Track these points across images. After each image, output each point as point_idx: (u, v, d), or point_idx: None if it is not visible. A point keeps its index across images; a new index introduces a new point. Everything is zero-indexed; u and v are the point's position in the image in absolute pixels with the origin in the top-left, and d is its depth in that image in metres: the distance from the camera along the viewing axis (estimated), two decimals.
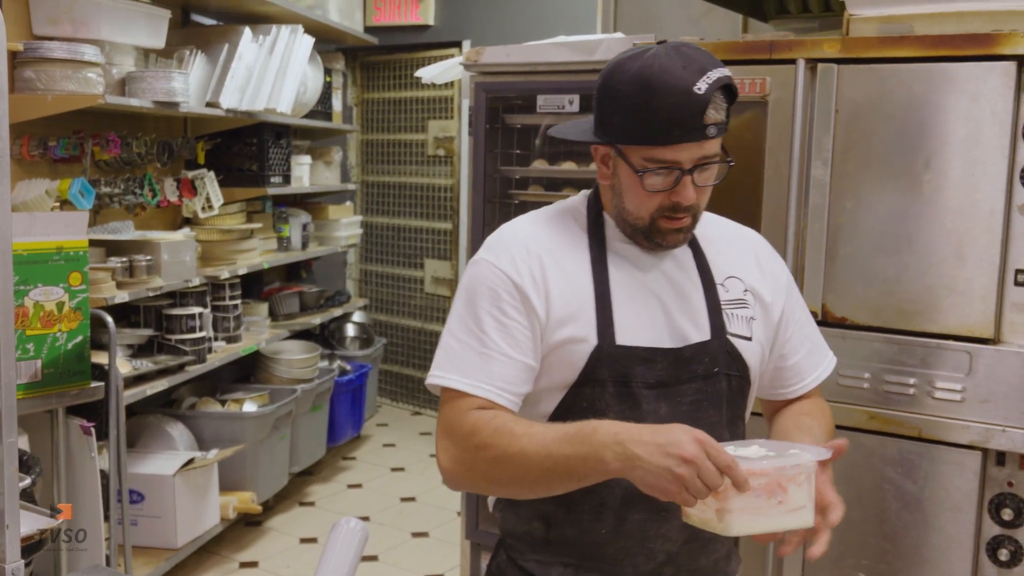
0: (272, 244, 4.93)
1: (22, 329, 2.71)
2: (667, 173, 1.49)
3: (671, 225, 1.53)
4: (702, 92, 1.44)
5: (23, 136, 3.44)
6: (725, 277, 1.64)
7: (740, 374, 1.61)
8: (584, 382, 1.52)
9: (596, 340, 1.52)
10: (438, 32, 6.01)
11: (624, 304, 1.55)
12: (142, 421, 4.07)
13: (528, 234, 1.59)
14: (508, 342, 1.52)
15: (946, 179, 2.32)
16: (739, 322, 1.62)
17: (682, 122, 1.44)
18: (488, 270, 1.55)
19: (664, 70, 1.45)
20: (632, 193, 1.54)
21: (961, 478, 2.33)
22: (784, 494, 1.34)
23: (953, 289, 2.32)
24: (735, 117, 2.58)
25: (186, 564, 3.97)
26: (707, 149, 1.49)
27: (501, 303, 1.53)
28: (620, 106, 1.49)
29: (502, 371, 1.51)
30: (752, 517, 1.33)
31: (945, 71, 2.29)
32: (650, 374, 1.53)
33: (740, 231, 1.76)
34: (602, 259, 1.57)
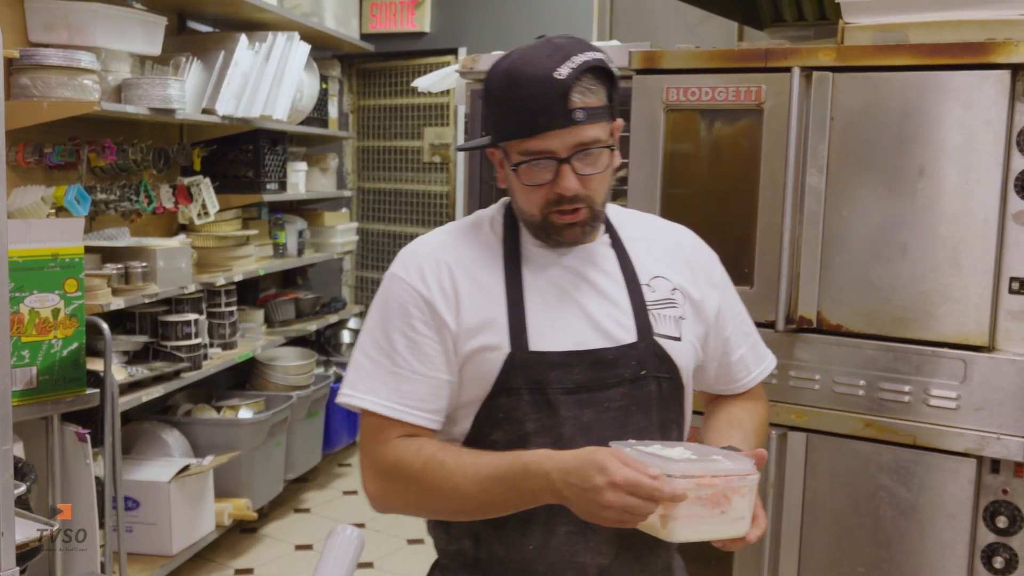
0: (268, 251, 4.93)
1: (17, 336, 2.71)
2: (544, 165, 1.46)
3: (563, 220, 1.49)
4: (563, 77, 1.41)
5: (19, 143, 3.44)
6: (651, 277, 1.59)
7: (670, 376, 1.56)
8: (499, 392, 1.48)
9: (509, 347, 1.48)
10: (434, 39, 6.01)
11: (539, 309, 1.51)
12: (137, 428, 4.07)
13: (439, 244, 1.57)
14: (419, 359, 1.49)
15: (941, 187, 2.32)
16: (667, 322, 1.57)
17: (545, 109, 1.41)
18: (398, 285, 1.53)
19: (527, 61, 1.44)
20: (518, 191, 1.51)
21: (956, 485, 2.33)
22: (728, 504, 1.36)
23: (948, 297, 2.33)
24: (730, 125, 2.60)
25: (181, 571, 3.96)
26: (583, 135, 1.44)
27: (411, 319, 1.50)
28: (492, 104, 1.49)
29: (413, 389, 1.49)
30: (695, 524, 1.35)
31: (940, 79, 2.30)
32: (567, 379, 1.48)
33: (669, 229, 1.72)
34: (515, 264, 1.54)
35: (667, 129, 2.65)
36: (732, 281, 2.46)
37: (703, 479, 1.33)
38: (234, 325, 4.44)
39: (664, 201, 2.67)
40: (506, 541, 1.51)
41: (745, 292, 2.56)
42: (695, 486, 1.33)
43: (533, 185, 1.47)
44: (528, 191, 1.49)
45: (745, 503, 1.39)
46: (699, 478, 1.33)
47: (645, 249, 1.62)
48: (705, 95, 2.57)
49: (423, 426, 1.50)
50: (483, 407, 1.50)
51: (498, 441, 1.49)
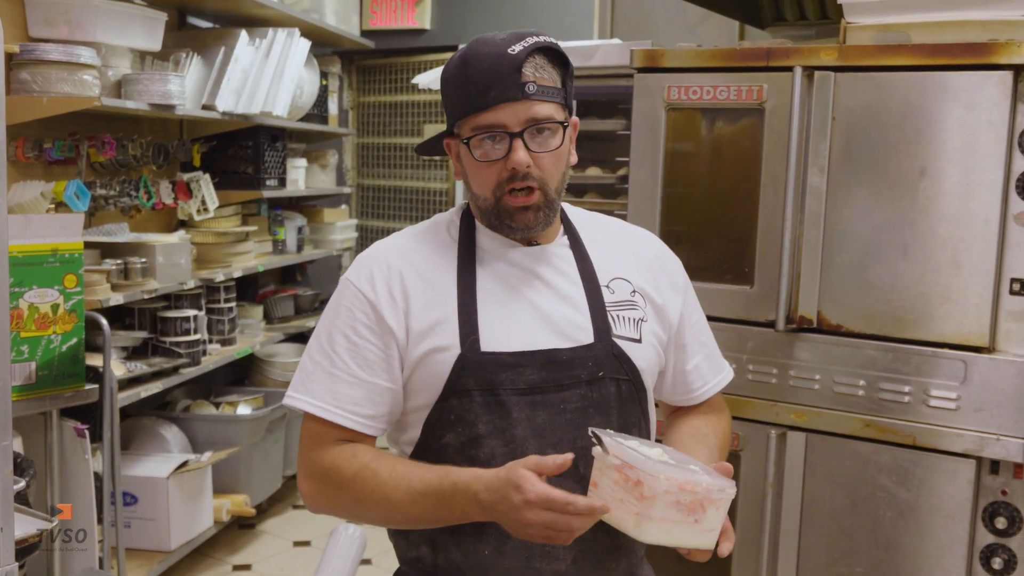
0: (267, 247, 4.93)
1: (17, 331, 2.71)
2: (497, 139, 1.47)
3: (515, 202, 1.48)
4: (515, 52, 1.44)
5: (18, 138, 3.44)
6: (611, 279, 1.58)
7: (630, 378, 1.54)
8: (450, 393, 1.48)
9: (459, 348, 1.47)
10: (434, 36, 6.01)
11: (492, 309, 1.50)
12: (136, 423, 4.07)
13: (393, 249, 1.57)
14: (358, 363, 1.49)
15: (942, 188, 2.32)
16: (627, 324, 1.56)
17: (497, 82, 1.43)
18: (347, 289, 1.53)
19: (481, 43, 1.48)
20: (472, 173, 1.51)
21: (955, 486, 2.33)
22: (703, 514, 1.36)
23: (948, 298, 2.33)
24: (731, 124, 2.60)
25: (179, 567, 3.96)
26: (536, 111, 1.46)
27: (355, 323, 1.50)
28: (448, 87, 1.51)
29: (349, 392, 1.49)
30: (668, 528, 1.34)
31: (942, 80, 2.30)
32: (519, 379, 1.47)
33: (632, 232, 1.71)
34: (469, 265, 1.54)
35: (668, 128, 2.65)
36: (732, 280, 2.46)
37: (685, 484, 1.33)
38: (233, 321, 4.44)
39: (665, 200, 2.67)
40: (463, 547, 1.50)
41: (745, 292, 2.56)
42: (677, 489, 1.32)
43: (486, 161, 1.47)
44: (481, 169, 1.49)
45: (718, 516, 1.38)
46: (681, 482, 1.33)
47: (606, 251, 1.61)
48: (707, 94, 2.57)
49: (358, 431, 1.50)
50: (434, 409, 1.49)
51: (450, 444, 1.48)
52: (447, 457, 1.48)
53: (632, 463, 1.33)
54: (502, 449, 1.46)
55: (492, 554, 1.48)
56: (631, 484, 1.33)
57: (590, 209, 1.76)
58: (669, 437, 1.67)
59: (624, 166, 3.12)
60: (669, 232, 2.66)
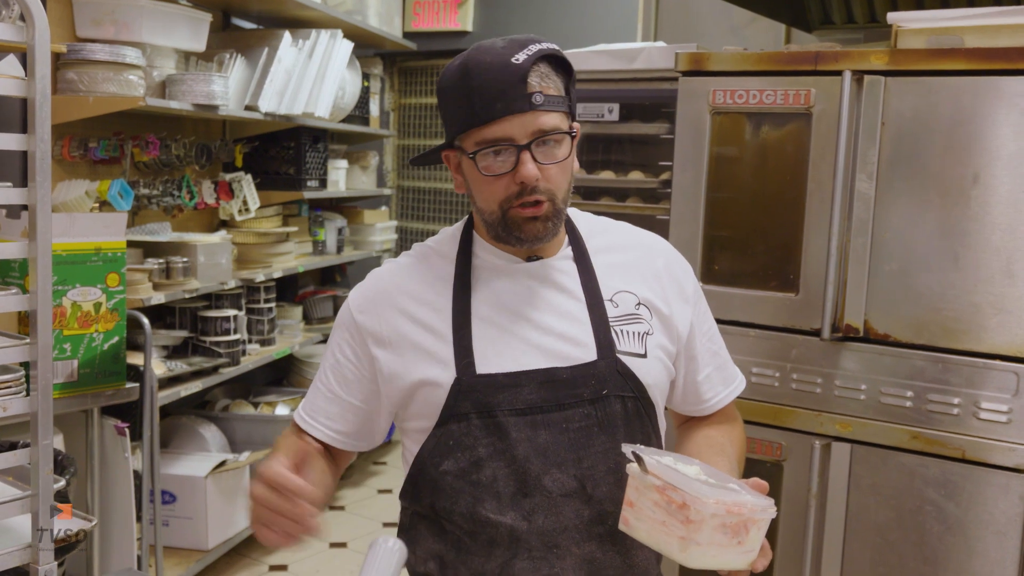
0: (307, 248, 4.94)
1: (59, 329, 2.73)
2: (504, 152, 1.42)
3: (524, 213, 1.43)
4: (520, 62, 1.39)
5: (64, 137, 3.47)
6: (615, 292, 1.53)
7: (636, 395, 1.49)
8: (448, 419, 1.46)
9: (455, 373, 1.45)
10: (476, 38, 6.00)
11: (486, 331, 1.48)
12: (175, 422, 4.09)
13: (391, 273, 1.58)
14: (338, 380, 1.56)
15: (995, 195, 2.27)
16: (631, 339, 1.51)
17: (503, 93, 1.38)
18: (344, 310, 1.58)
19: (483, 52, 1.42)
20: (478, 186, 1.46)
21: (1006, 501, 2.27)
22: (746, 535, 1.32)
23: (1001, 308, 2.27)
24: (777, 129, 2.56)
25: (216, 566, 3.98)
26: (543, 122, 1.41)
27: (343, 343, 1.55)
28: (448, 100, 1.45)
29: (325, 406, 1.57)
30: (714, 551, 1.30)
31: (996, 84, 2.25)
32: (517, 400, 1.44)
33: (640, 238, 1.64)
34: (465, 285, 1.51)
35: (713, 132, 2.61)
36: (777, 287, 2.42)
37: (732, 507, 1.29)
38: (272, 322, 4.45)
39: (708, 205, 2.63)
40: (469, 564, 1.48)
41: (790, 299, 2.52)
42: (725, 513, 1.28)
43: (492, 176, 1.43)
44: (487, 184, 1.44)
45: (759, 535, 1.34)
46: (729, 504, 1.28)
47: (611, 261, 1.57)
48: (753, 98, 2.53)
49: (323, 441, 1.58)
50: (431, 436, 1.48)
51: (448, 471, 1.46)
52: (446, 485, 1.47)
53: (677, 484, 1.29)
54: (504, 471, 1.44)
55: (499, 573, 1.45)
56: (675, 507, 1.29)
57: (633, 214, 1.73)
58: (684, 448, 1.62)
59: (667, 170, 3.08)
60: (712, 237, 2.63)
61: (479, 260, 1.54)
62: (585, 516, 1.45)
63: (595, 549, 1.45)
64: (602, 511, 1.45)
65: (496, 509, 1.44)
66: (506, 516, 1.43)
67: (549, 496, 1.43)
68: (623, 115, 3.19)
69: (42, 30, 2.12)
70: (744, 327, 2.59)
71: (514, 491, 1.43)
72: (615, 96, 3.18)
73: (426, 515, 1.51)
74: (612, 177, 3.24)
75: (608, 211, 2.57)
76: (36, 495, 2.18)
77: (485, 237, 1.54)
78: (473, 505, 1.45)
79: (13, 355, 2.18)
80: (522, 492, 1.43)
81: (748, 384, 2.58)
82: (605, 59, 3.12)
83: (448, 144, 1.49)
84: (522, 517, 1.43)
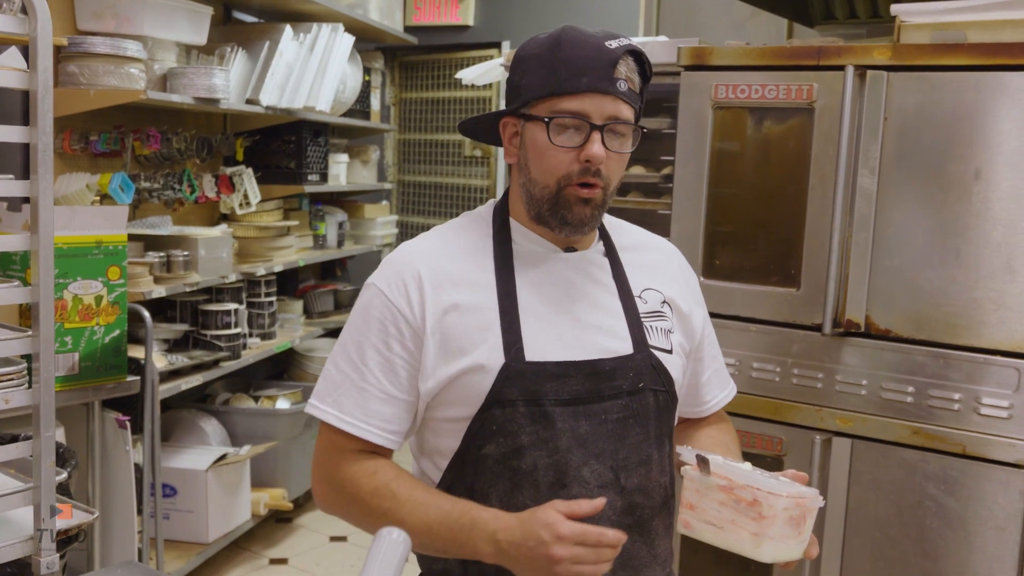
0: (308, 242, 4.94)
1: (61, 322, 2.73)
2: (576, 128, 1.42)
3: (579, 193, 1.44)
4: (613, 47, 1.42)
5: (65, 130, 3.47)
6: (643, 289, 1.56)
7: (666, 389, 1.53)
8: (493, 403, 1.43)
9: (503, 358, 1.43)
10: (478, 32, 5.99)
11: (533, 317, 1.47)
12: (176, 416, 4.09)
13: (426, 256, 1.50)
14: (390, 379, 1.46)
15: (997, 191, 2.27)
16: (659, 335, 1.54)
17: (591, 69, 1.40)
18: (379, 300, 1.48)
19: (576, 31, 1.45)
20: (539, 157, 1.44)
21: (1006, 497, 2.27)
22: (803, 525, 1.35)
23: (1002, 304, 2.27)
24: (779, 124, 2.55)
25: (216, 559, 3.98)
26: (620, 110, 1.43)
27: (388, 337, 1.46)
28: (530, 66, 1.46)
29: (380, 409, 1.47)
30: (781, 544, 1.34)
31: (999, 80, 2.24)
32: (563, 390, 1.44)
33: (656, 240, 1.69)
34: (508, 269, 1.49)
35: (715, 127, 2.61)
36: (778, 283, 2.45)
37: (799, 499, 1.33)
38: (273, 315, 4.45)
39: (710, 200, 2.63)
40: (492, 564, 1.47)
41: (791, 294, 2.52)
42: (795, 506, 1.32)
43: (561, 147, 1.42)
44: (553, 154, 1.43)
45: (811, 524, 1.38)
46: (797, 498, 1.32)
47: (637, 260, 1.59)
48: (755, 93, 2.53)
49: (383, 445, 1.48)
50: (475, 420, 1.45)
51: (490, 455, 1.45)
52: (487, 468, 1.45)
53: (743, 482, 1.32)
54: (545, 460, 1.44)
55: None
56: (744, 504, 1.32)
57: (634, 209, 1.74)
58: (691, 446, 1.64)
59: (668, 165, 3.08)
60: (714, 233, 2.63)
61: (517, 246, 1.52)
62: (618, 507, 1.46)
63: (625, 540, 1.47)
64: (632, 502, 1.47)
65: (533, 497, 1.43)
66: None
67: (586, 487, 1.44)
68: None
69: (44, 22, 2.12)
70: (745, 322, 2.59)
71: (552, 481, 1.44)
72: None
73: None
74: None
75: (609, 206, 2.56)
76: (38, 487, 2.19)
77: (524, 221, 1.52)
78: (511, 491, 1.44)
79: (15, 347, 2.18)
80: (560, 483, 1.44)
81: (749, 379, 2.59)
82: None
83: (512, 111, 1.48)
84: None
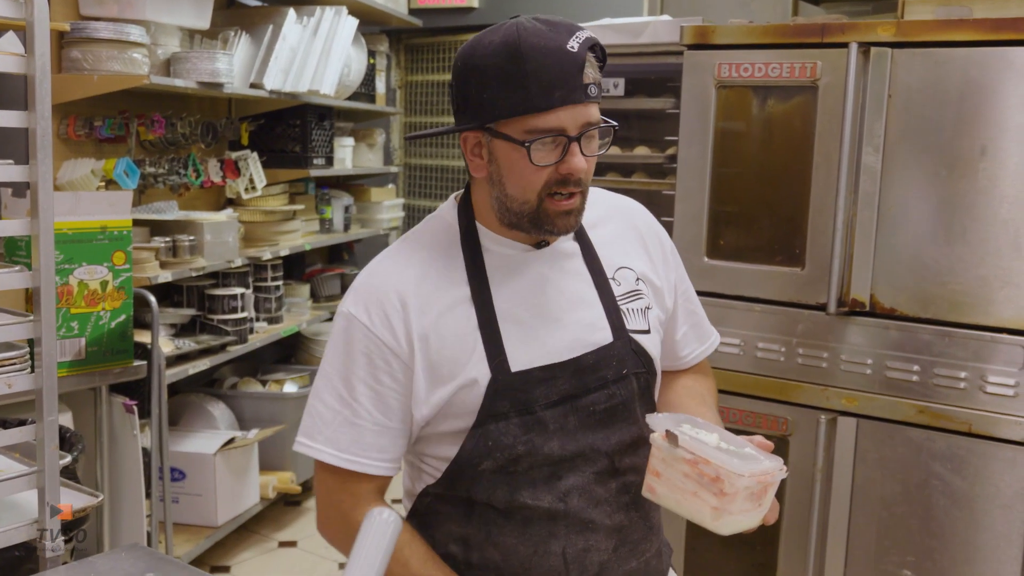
0: (314, 226, 4.94)
1: (66, 307, 2.73)
2: (553, 143, 1.37)
3: (560, 206, 1.41)
4: (576, 50, 1.35)
5: (69, 116, 3.47)
6: (616, 269, 1.54)
7: (647, 370, 1.54)
8: (485, 419, 1.43)
9: (490, 373, 1.42)
10: (483, 14, 5.96)
11: (513, 324, 1.45)
12: (184, 400, 4.11)
13: (401, 279, 1.46)
14: (381, 410, 1.45)
15: (1003, 167, 2.25)
16: (636, 316, 1.53)
17: (562, 82, 1.34)
18: (361, 332, 1.45)
19: (531, 33, 1.35)
20: (515, 175, 1.40)
21: (1012, 475, 2.27)
22: (764, 497, 1.39)
23: (1008, 281, 2.25)
24: (783, 102, 2.54)
25: (226, 542, 4.00)
26: (592, 115, 1.39)
27: (376, 371, 1.44)
28: (490, 80, 1.37)
29: (376, 441, 1.46)
30: (741, 518, 1.38)
31: (1004, 55, 2.22)
32: (552, 392, 1.45)
33: (620, 206, 1.64)
34: (482, 280, 1.46)
35: (718, 106, 2.59)
36: (783, 262, 2.44)
37: (761, 476, 1.36)
38: (280, 299, 4.46)
39: (714, 180, 2.62)
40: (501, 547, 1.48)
41: (796, 273, 2.51)
42: (756, 484, 1.36)
43: (541, 166, 1.38)
44: (530, 173, 1.39)
45: (772, 494, 1.42)
46: (758, 474, 1.36)
47: (606, 237, 1.57)
48: (758, 71, 2.51)
49: (384, 475, 1.49)
50: (469, 437, 1.45)
51: (487, 469, 1.45)
52: (484, 479, 1.46)
53: (708, 458, 1.35)
54: (540, 461, 1.46)
55: (534, 554, 1.47)
56: (707, 479, 1.35)
57: (639, 189, 1.73)
58: (665, 397, 1.66)
59: (673, 145, 3.06)
60: (718, 212, 2.61)
61: (488, 252, 1.49)
62: (613, 489, 1.49)
63: (623, 518, 1.51)
64: (627, 481, 1.50)
65: (532, 495, 1.46)
66: (543, 500, 1.45)
67: (582, 475, 1.47)
68: (628, 90, 3.17)
69: (41, 6, 2.11)
70: (750, 302, 2.59)
71: (549, 476, 1.46)
72: (620, 71, 3.16)
73: (456, 498, 1.50)
74: (618, 152, 3.22)
75: (614, 186, 2.55)
76: (42, 471, 2.20)
77: (493, 227, 1.49)
78: (511, 494, 1.46)
79: (17, 332, 2.19)
80: (556, 476, 1.46)
81: (754, 359, 2.58)
82: (611, 34, 3.09)
83: (476, 126, 1.42)
84: (558, 499, 1.46)
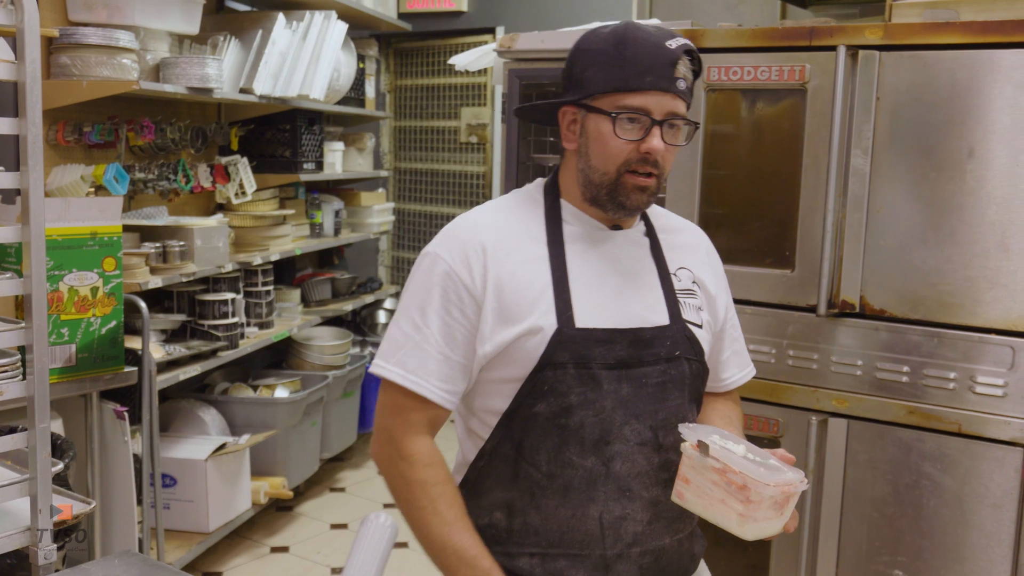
0: (304, 230, 4.94)
1: (57, 314, 2.73)
2: (638, 121, 1.54)
3: (637, 182, 1.57)
4: (673, 48, 1.54)
5: (59, 122, 3.46)
6: (677, 267, 1.70)
7: (698, 359, 1.67)
8: (545, 365, 1.55)
9: (556, 324, 1.55)
10: (471, 18, 5.98)
11: (582, 287, 1.59)
12: (175, 406, 4.10)
13: (484, 227, 1.62)
14: (448, 341, 1.57)
15: (990, 169, 2.26)
16: (691, 310, 1.68)
17: (655, 69, 1.53)
18: (440, 267, 1.59)
19: (637, 29, 1.57)
20: (600, 146, 1.57)
21: (1002, 475, 2.28)
22: (787, 506, 1.49)
23: (996, 282, 2.27)
24: (772, 105, 2.55)
25: (217, 548, 4.00)
26: (677, 106, 1.56)
27: (449, 304, 1.57)
28: (594, 60, 1.57)
29: (439, 369, 1.57)
30: (764, 525, 1.47)
31: (991, 58, 2.24)
32: (609, 355, 1.57)
33: (688, 224, 1.83)
34: (559, 242, 1.61)
35: (708, 109, 2.60)
36: (773, 264, 2.50)
37: (786, 486, 1.45)
38: (271, 304, 4.46)
39: (704, 183, 2.63)
40: (543, 511, 1.58)
41: (786, 276, 2.52)
42: (780, 493, 1.45)
43: (623, 139, 1.54)
44: (614, 147, 1.55)
45: (794, 504, 1.51)
46: (783, 485, 1.45)
47: (672, 241, 1.73)
48: (747, 74, 2.53)
49: (441, 405, 1.59)
50: (527, 381, 1.56)
51: (541, 413, 1.56)
52: (536, 425, 1.56)
53: (737, 468, 1.45)
54: (591, 419, 1.55)
55: (572, 517, 1.57)
56: (734, 487, 1.45)
57: None
58: (703, 419, 1.77)
59: None
60: (708, 215, 2.62)
61: (567, 224, 1.64)
62: (655, 463, 1.59)
63: (660, 493, 1.60)
64: (668, 459, 1.60)
65: (579, 453, 1.56)
66: (587, 460, 1.55)
67: (627, 444, 1.57)
68: None
69: (31, 13, 2.11)
70: (740, 304, 2.59)
71: (597, 438, 1.56)
72: None
73: (505, 457, 1.59)
74: None
75: None
76: (34, 478, 2.19)
77: (576, 202, 1.65)
78: (559, 447, 1.56)
79: (8, 339, 2.19)
80: (604, 440, 1.56)
81: None
82: None
83: (574, 100, 1.59)
84: (602, 463, 1.56)
